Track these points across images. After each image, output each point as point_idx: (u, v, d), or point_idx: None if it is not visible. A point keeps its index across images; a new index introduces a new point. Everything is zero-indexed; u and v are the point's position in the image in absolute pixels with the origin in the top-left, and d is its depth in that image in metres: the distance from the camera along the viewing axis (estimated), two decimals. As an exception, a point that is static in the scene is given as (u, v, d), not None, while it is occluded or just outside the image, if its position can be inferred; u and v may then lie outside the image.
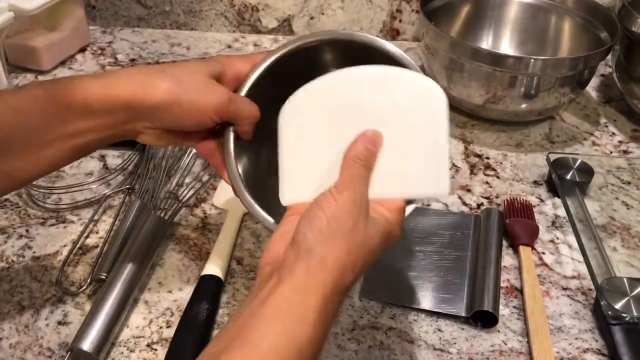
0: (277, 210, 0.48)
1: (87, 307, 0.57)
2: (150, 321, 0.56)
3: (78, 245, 0.63)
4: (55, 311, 0.57)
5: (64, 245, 0.63)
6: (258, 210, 0.50)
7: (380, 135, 0.44)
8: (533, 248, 0.64)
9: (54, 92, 0.45)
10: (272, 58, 0.52)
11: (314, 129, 0.46)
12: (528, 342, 0.55)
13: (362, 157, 0.43)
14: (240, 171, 0.51)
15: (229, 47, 1.02)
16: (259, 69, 0.52)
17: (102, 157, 0.75)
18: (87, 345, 0.50)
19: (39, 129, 0.44)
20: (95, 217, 0.66)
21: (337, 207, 0.40)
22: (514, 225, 0.65)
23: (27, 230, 0.65)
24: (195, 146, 0.52)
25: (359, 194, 0.41)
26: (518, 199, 0.69)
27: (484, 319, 0.56)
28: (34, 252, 0.63)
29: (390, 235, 0.43)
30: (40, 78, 0.91)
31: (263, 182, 0.53)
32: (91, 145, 0.47)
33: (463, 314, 0.57)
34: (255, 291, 0.39)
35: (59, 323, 0.55)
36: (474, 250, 0.63)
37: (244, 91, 0.51)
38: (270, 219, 0.49)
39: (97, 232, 0.65)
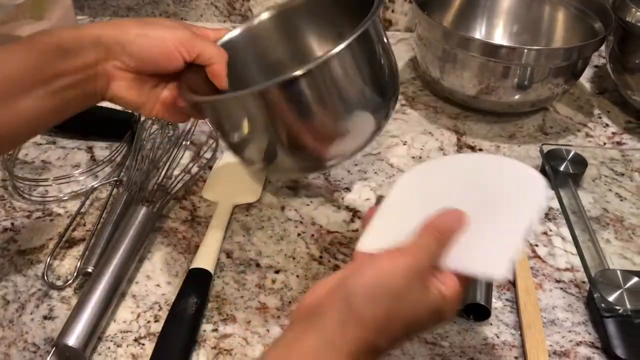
0: None
1: (74, 301, 0.56)
2: (138, 315, 0.55)
3: (64, 239, 0.62)
4: (41, 305, 0.55)
5: (50, 239, 0.62)
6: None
7: (467, 218, 0.42)
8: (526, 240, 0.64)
9: (30, 41, 0.47)
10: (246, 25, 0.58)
11: (417, 197, 0.47)
12: (521, 335, 0.54)
13: (440, 230, 0.41)
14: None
15: (220, 37, 1.00)
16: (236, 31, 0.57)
17: (90, 149, 0.74)
18: (73, 340, 0.50)
19: (16, 76, 0.46)
20: (82, 210, 0.65)
21: (392, 267, 0.38)
22: (507, 217, 0.64)
23: (12, 223, 0.64)
24: (167, 102, 0.54)
25: (419, 262, 0.39)
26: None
27: (477, 312, 0.56)
28: (19, 246, 0.61)
29: (441, 314, 0.40)
30: (27, 68, 0.89)
31: None
32: (67, 94, 0.48)
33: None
34: (286, 333, 0.38)
35: (45, 318, 0.54)
36: None
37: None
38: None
39: (84, 225, 0.64)
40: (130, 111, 0.74)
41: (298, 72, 0.45)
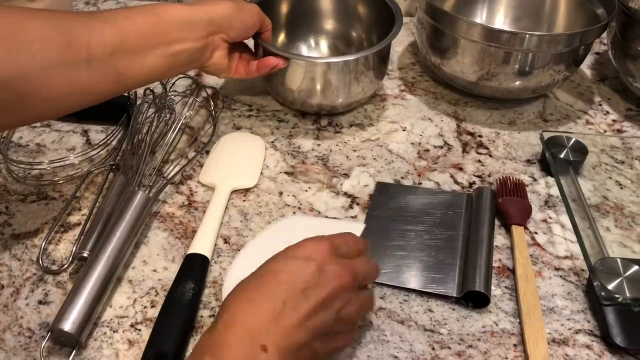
0: None
1: (69, 286, 0.55)
2: (134, 301, 0.55)
3: (60, 223, 0.61)
4: (36, 290, 0.55)
5: (45, 223, 0.61)
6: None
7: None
8: (525, 228, 0.63)
9: (154, 9, 0.58)
10: None
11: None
12: (520, 323, 0.54)
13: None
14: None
15: (217, 20, 0.99)
16: None
17: (85, 132, 0.73)
18: (68, 325, 0.49)
19: (146, 34, 0.56)
20: (78, 194, 0.64)
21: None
22: (507, 204, 0.64)
23: (6, 207, 0.63)
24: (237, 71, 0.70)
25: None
26: (511, 177, 0.68)
27: (476, 300, 0.55)
28: (13, 230, 0.61)
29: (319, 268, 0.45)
30: (21, 50, 0.88)
31: None
32: (182, 57, 0.60)
33: (454, 295, 0.56)
34: None
35: (40, 302, 0.54)
36: (466, 230, 0.62)
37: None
38: None
39: (79, 210, 0.63)
40: (126, 94, 0.73)
41: (349, 57, 0.71)
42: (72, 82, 0.51)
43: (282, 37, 0.86)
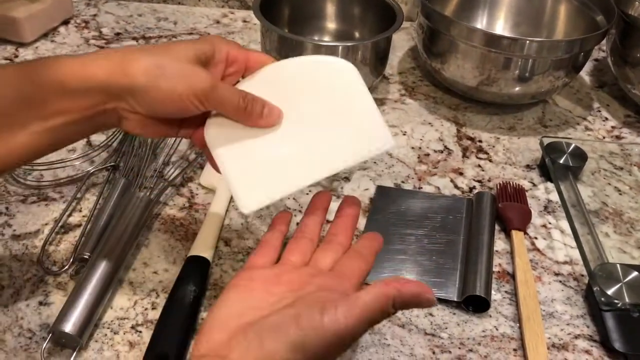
0: None
1: (70, 287, 0.55)
2: (135, 302, 0.54)
3: (60, 224, 0.61)
4: (36, 291, 0.55)
5: (46, 224, 0.61)
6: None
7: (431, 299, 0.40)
8: (525, 233, 0.63)
9: (29, 71, 0.42)
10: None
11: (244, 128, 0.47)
12: (520, 327, 0.54)
13: (398, 307, 0.39)
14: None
15: (217, 22, 0.99)
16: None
17: (86, 134, 0.73)
18: (69, 326, 0.49)
19: (12, 110, 0.41)
20: (79, 195, 0.64)
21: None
22: (507, 209, 0.64)
23: (6, 208, 0.63)
24: (191, 137, 0.49)
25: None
26: (511, 183, 0.68)
27: (476, 304, 0.55)
28: (14, 230, 0.60)
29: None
30: (21, 50, 0.88)
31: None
32: (69, 130, 0.44)
33: (455, 299, 0.56)
34: None
35: (40, 304, 0.54)
36: (466, 234, 0.62)
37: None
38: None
39: (80, 211, 0.63)
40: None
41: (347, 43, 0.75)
42: None
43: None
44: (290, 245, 0.46)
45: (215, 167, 0.48)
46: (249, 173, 0.46)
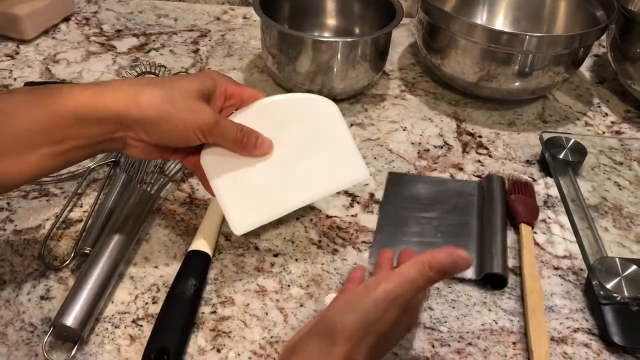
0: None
1: (71, 281, 0.55)
2: (136, 297, 0.55)
3: (61, 219, 0.61)
4: (38, 286, 0.55)
5: (47, 219, 0.62)
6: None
7: (468, 261, 0.43)
8: (533, 228, 0.64)
9: (44, 98, 0.45)
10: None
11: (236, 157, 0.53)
12: (524, 320, 0.54)
13: (435, 269, 0.41)
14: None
15: (218, 19, 0.99)
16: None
17: (87, 130, 0.73)
18: (70, 320, 0.49)
19: (25, 133, 0.44)
20: (79, 191, 0.64)
21: (372, 293, 0.41)
22: (517, 202, 0.64)
23: (8, 203, 0.63)
24: (182, 160, 0.54)
25: (401, 291, 0.41)
26: (521, 178, 0.69)
27: (493, 282, 0.57)
28: (15, 226, 0.61)
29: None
30: (22, 47, 0.88)
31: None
32: (77, 153, 0.47)
33: (473, 277, 0.57)
34: None
35: (42, 298, 0.54)
36: (479, 215, 0.63)
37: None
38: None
39: (81, 206, 0.63)
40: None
41: (347, 39, 0.75)
42: None
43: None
44: None
45: (208, 189, 0.54)
46: (241, 199, 0.52)
